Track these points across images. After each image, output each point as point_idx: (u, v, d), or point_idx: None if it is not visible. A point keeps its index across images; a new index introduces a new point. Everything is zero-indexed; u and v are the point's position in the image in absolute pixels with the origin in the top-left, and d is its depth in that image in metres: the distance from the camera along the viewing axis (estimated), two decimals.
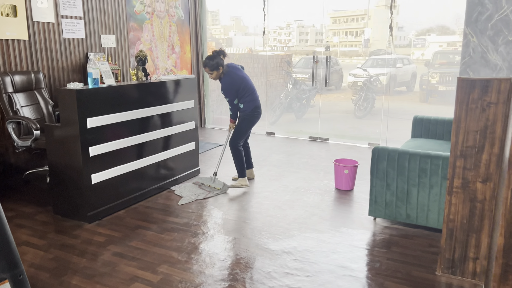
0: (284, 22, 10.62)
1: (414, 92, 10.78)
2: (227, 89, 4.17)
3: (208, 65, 4.10)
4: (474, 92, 2.40)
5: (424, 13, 9.59)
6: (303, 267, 2.79)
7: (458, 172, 2.53)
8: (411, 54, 10.77)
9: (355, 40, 11.26)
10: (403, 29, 10.38)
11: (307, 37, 11.33)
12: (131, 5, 5.82)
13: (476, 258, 2.57)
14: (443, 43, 10.87)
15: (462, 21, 6.94)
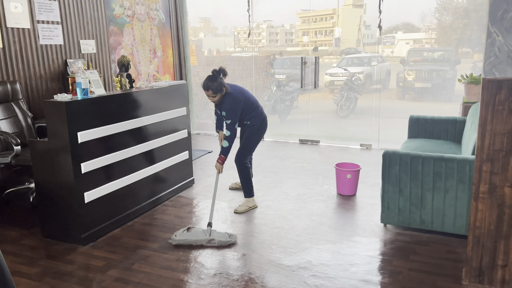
0: (254, 23, 10.47)
1: (390, 90, 10.85)
2: (232, 110, 3.55)
3: (212, 87, 3.48)
4: (500, 93, 2.29)
5: (390, 11, 9.62)
6: (324, 284, 2.62)
7: (485, 177, 2.42)
8: (381, 52, 10.82)
9: (325, 39, 11.25)
10: (370, 28, 10.43)
11: (277, 37, 11.25)
12: (111, 8, 5.52)
13: (505, 265, 2.47)
14: (410, 40, 11.01)
15: (427, 18, 6.87)
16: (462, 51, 9.82)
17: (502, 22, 2.23)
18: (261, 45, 10.96)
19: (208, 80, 3.51)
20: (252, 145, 3.87)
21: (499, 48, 2.26)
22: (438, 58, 10.16)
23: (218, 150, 5.86)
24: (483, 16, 8.43)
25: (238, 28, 10.01)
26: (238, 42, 10.27)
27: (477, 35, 9.00)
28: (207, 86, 3.51)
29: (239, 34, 10.22)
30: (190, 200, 4.12)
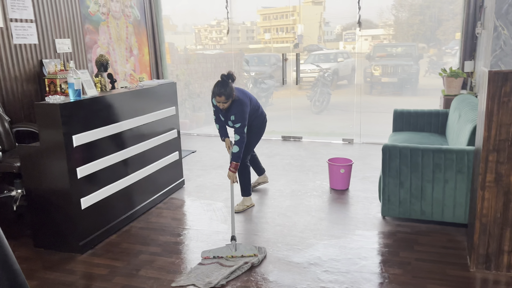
0: (214, 20, 10.40)
1: (356, 85, 11.08)
2: (241, 113, 3.40)
3: (224, 93, 3.30)
4: (506, 85, 2.37)
5: (348, 7, 9.85)
6: (338, 279, 2.63)
7: (491, 167, 2.50)
8: (343, 48, 11.03)
9: (286, 36, 11.32)
10: (329, 25, 10.60)
11: (238, 34, 11.22)
12: (85, 5, 5.30)
13: (511, 251, 2.57)
14: (368, 36, 11.29)
15: (385, 15, 7.02)
16: (418, 46, 10.14)
17: (507, 16, 2.30)
18: (223, 43, 10.87)
19: (221, 86, 3.33)
20: (252, 144, 3.80)
21: (504, 42, 2.34)
22: (401, 53, 10.45)
23: (205, 151, 5.79)
24: (437, 12, 8.75)
25: (198, 25, 9.88)
26: (200, 40, 10.13)
27: (431, 30, 9.32)
28: (220, 92, 3.32)
29: (199, 32, 10.08)
30: (183, 202, 4.03)
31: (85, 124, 3.02)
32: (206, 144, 6.24)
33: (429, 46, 10.08)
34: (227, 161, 5.26)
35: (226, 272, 2.69)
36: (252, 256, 2.89)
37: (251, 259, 2.84)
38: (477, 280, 2.58)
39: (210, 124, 8.30)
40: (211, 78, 9.24)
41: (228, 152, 3.70)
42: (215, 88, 3.37)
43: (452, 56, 9.22)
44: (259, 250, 2.97)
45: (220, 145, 6.18)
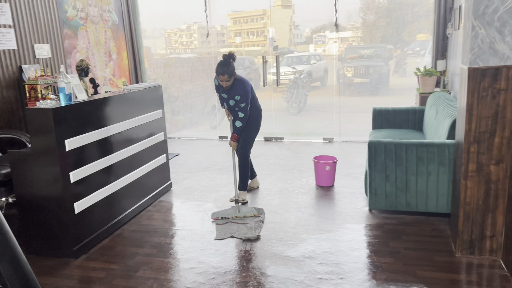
0: (184, 24, 10.41)
1: (329, 86, 11.33)
2: (245, 92, 3.68)
3: (227, 72, 3.56)
4: (484, 81, 2.54)
5: (317, 11, 10.09)
6: (333, 270, 2.74)
7: (472, 157, 2.67)
8: (314, 51, 11.25)
9: (257, 40, 11.45)
10: (299, 28, 10.82)
11: (209, 38, 11.25)
12: (63, 10, 5.24)
13: (493, 236, 2.74)
14: (337, 39, 11.58)
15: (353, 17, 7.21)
16: (387, 48, 10.46)
17: (484, 16, 2.47)
18: (193, 47, 10.89)
19: (223, 65, 3.58)
20: (252, 138, 3.98)
21: (482, 40, 2.51)
22: (372, 55, 10.75)
23: (188, 154, 5.82)
24: (403, 15, 9.09)
25: (168, 30, 9.88)
26: (170, 44, 10.13)
27: (398, 32, 9.65)
28: (222, 71, 3.58)
29: (169, 36, 10.08)
30: (173, 204, 4.05)
31: (76, 128, 3.02)
32: (188, 147, 6.27)
33: (396, 47, 10.43)
34: (212, 164, 5.31)
35: (247, 229, 3.34)
36: (253, 217, 3.53)
37: (257, 219, 3.49)
38: (463, 265, 2.74)
39: (190, 128, 8.32)
40: (188, 81, 9.25)
41: (228, 119, 4.02)
42: (218, 68, 3.62)
43: (421, 57, 9.58)
44: (258, 211, 3.60)
45: (203, 148, 6.23)
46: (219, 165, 5.23)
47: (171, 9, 8.84)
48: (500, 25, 2.46)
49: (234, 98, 3.75)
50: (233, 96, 3.74)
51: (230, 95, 3.77)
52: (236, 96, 3.71)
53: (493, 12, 2.46)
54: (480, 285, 2.51)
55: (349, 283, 2.59)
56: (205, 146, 6.34)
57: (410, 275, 2.63)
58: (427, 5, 8.69)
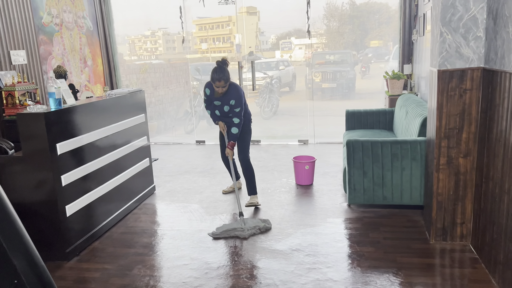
0: (148, 30, 10.45)
1: (298, 91, 11.63)
2: (239, 97, 3.73)
3: (224, 78, 3.61)
4: (452, 82, 2.81)
5: (282, 18, 10.38)
6: (319, 260, 2.92)
7: (443, 152, 2.93)
8: (281, 57, 11.52)
9: (223, 46, 11.59)
10: (264, 34, 11.09)
11: (174, 44, 11.30)
12: (39, 16, 5.22)
13: (463, 223, 3.01)
14: (302, 45, 11.96)
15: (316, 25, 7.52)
16: (351, 53, 10.85)
17: (450, 23, 2.74)
18: (158, 53, 10.91)
19: (219, 71, 3.63)
20: (248, 141, 4.04)
21: (449, 45, 2.77)
22: (338, 61, 11.12)
23: (167, 158, 5.90)
24: (365, 22, 9.51)
25: (132, 36, 9.89)
26: (134, 50, 10.13)
27: (360, 39, 10.07)
28: (219, 77, 3.62)
29: (133, 42, 10.09)
30: (158, 206, 4.13)
31: (67, 132, 3.07)
32: (166, 152, 6.33)
33: (358, 53, 10.85)
34: (192, 167, 5.41)
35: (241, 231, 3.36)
36: (261, 227, 3.43)
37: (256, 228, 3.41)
38: (437, 250, 2.99)
39: (164, 133, 8.36)
40: (160, 87, 9.29)
41: (223, 133, 3.99)
42: (214, 74, 3.64)
43: (384, 62, 10.02)
44: (264, 221, 3.51)
45: (181, 152, 6.31)
46: (200, 168, 5.34)
47: (146, 15, 8.86)
48: (465, 31, 2.73)
49: (229, 103, 3.77)
50: (227, 101, 3.77)
51: (225, 100, 3.79)
52: (231, 100, 3.75)
53: (458, 20, 2.73)
54: (454, 267, 2.76)
55: (336, 271, 2.77)
56: (183, 150, 6.42)
57: (390, 261, 2.85)
58: (387, 12, 9.13)
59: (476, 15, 2.70)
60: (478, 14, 2.69)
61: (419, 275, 2.67)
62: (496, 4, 2.48)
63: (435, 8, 2.88)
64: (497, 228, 2.49)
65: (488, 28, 2.63)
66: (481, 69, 2.75)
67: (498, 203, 2.46)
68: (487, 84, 2.65)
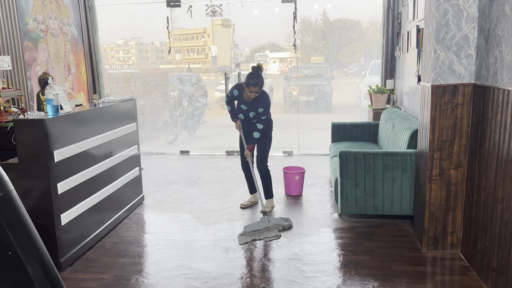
0: (121, 39, 10.40)
1: (275, 104, 11.75)
2: (268, 105, 3.81)
3: (259, 83, 3.65)
4: (445, 96, 2.95)
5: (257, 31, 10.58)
6: (318, 269, 2.97)
7: (436, 163, 3.05)
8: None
9: (198, 57, 11.62)
10: (239, 47, 11.26)
11: (147, 54, 11.26)
12: (24, 22, 5.13)
13: (453, 232, 3.13)
14: (277, 59, 12.17)
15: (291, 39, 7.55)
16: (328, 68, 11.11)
17: (444, 41, 2.89)
18: (131, 63, 10.83)
19: (256, 77, 3.65)
20: (268, 150, 4.06)
21: (442, 62, 2.92)
22: (315, 75, 11.35)
23: (152, 168, 5.85)
24: (338, 38, 9.78)
25: (103, 45, 9.82)
26: (107, 59, 10.03)
27: (333, 54, 10.35)
28: (255, 82, 3.64)
29: (105, 51, 10.01)
30: (149, 216, 4.09)
31: (64, 139, 3.02)
32: (151, 162, 6.27)
33: (331, 68, 11.12)
34: (179, 177, 5.38)
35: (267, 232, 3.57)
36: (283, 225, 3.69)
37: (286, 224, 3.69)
38: (429, 258, 3.09)
39: (144, 143, 8.27)
40: (140, 96, 9.22)
41: (239, 132, 4.10)
42: (250, 79, 3.66)
43: (359, 77, 10.31)
44: (286, 220, 3.75)
45: (166, 162, 6.26)
46: (187, 178, 5.32)
47: (132, 24, 8.81)
48: (457, 49, 2.89)
49: (256, 110, 3.82)
50: (255, 108, 3.82)
51: (253, 107, 3.83)
52: (259, 108, 3.80)
53: (451, 38, 2.88)
54: (447, 274, 2.87)
55: (335, 279, 2.83)
56: (167, 160, 6.38)
57: (387, 269, 2.93)
58: (359, 29, 9.42)
59: (468, 34, 2.86)
60: (469, 33, 2.85)
61: (415, 282, 2.76)
62: (488, 25, 2.64)
63: (428, 26, 3.04)
64: (489, 236, 2.61)
65: (480, 46, 2.79)
66: (472, 85, 2.90)
67: (491, 212, 2.59)
68: (478, 99, 2.80)
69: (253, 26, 10.28)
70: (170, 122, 8.45)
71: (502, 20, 2.45)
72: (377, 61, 7.86)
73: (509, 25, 2.36)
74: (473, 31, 2.84)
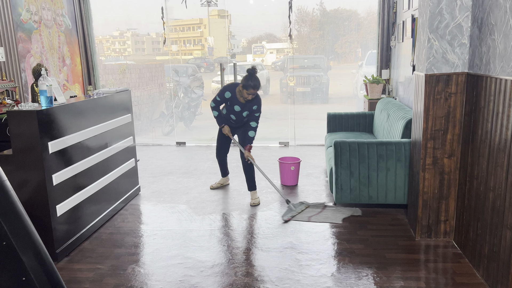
0: (117, 31, 10.33)
1: (271, 95, 11.76)
2: (261, 103, 3.97)
3: (258, 86, 3.77)
4: (438, 86, 2.96)
5: (254, 22, 10.53)
6: (312, 257, 3.00)
7: (429, 152, 3.07)
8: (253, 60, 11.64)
9: (194, 48, 11.56)
10: (235, 38, 11.22)
11: (143, 46, 11.20)
12: (17, 13, 5.09)
13: (446, 220, 3.16)
14: (274, 49, 12.12)
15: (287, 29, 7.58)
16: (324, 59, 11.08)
17: (437, 30, 2.89)
18: (127, 54, 10.78)
19: (255, 80, 3.74)
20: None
21: (436, 51, 2.92)
22: (312, 65, 11.32)
23: (148, 159, 5.86)
24: (334, 28, 9.75)
25: (99, 36, 9.76)
26: (102, 51, 9.99)
27: (330, 44, 10.32)
28: (254, 85, 3.74)
29: (101, 43, 9.96)
30: (145, 207, 4.10)
31: (58, 130, 3.02)
32: (147, 153, 6.28)
33: (328, 59, 11.10)
34: (175, 168, 5.39)
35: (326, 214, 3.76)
36: (311, 206, 3.92)
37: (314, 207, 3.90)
38: (422, 246, 3.12)
39: (140, 135, 8.27)
40: (136, 88, 9.19)
41: (230, 136, 4.17)
42: (250, 82, 3.73)
43: (357, 67, 10.28)
44: (303, 203, 3.96)
45: (162, 153, 6.27)
46: (183, 169, 5.33)
47: (127, 15, 8.74)
48: (451, 38, 2.89)
49: (251, 109, 3.93)
50: (250, 107, 3.93)
51: (247, 106, 3.94)
52: (254, 106, 3.92)
53: (445, 27, 2.88)
54: (440, 262, 2.90)
55: (330, 267, 2.86)
56: (163, 152, 6.38)
57: (380, 257, 2.96)
58: (356, 20, 9.39)
59: (462, 23, 2.86)
60: (463, 22, 2.85)
61: (408, 270, 2.79)
62: (482, 14, 2.64)
63: (422, 15, 3.03)
64: (481, 224, 2.64)
65: (473, 35, 2.80)
66: (465, 74, 2.91)
67: (483, 200, 2.61)
68: (471, 88, 2.81)
69: (249, 16, 10.23)
70: (166, 114, 8.44)
71: (495, 9, 2.45)
72: (373, 51, 7.85)
73: (501, 14, 2.37)
74: (466, 20, 2.84)
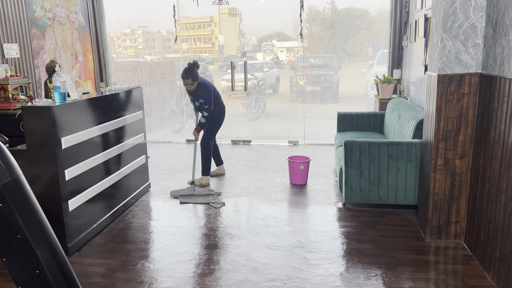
0: (128, 28, 10.37)
1: (282, 94, 11.74)
2: (208, 97, 4.36)
3: (191, 76, 4.26)
4: (451, 86, 2.94)
5: (264, 20, 10.50)
6: (321, 256, 3.00)
7: (441, 153, 3.05)
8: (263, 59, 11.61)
9: (204, 47, 11.55)
10: (245, 36, 11.19)
11: (154, 43, 11.22)
12: (32, 10, 5.15)
13: (457, 221, 3.14)
14: (284, 48, 12.07)
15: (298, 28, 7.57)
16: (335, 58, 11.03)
17: (451, 30, 2.87)
18: (144, 52, 10.83)
19: (187, 71, 4.27)
20: (215, 131, 4.67)
21: (449, 51, 2.90)
22: (322, 64, 11.27)
23: (159, 156, 5.91)
24: (346, 27, 9.69)
25: (110, 33, 9.82)
26: (114, 48, 10.04)
27: (341, 43, 10.26)
28: (186, 76, 4.26)
29: (112, 40, 10.01)
30: (155, 203, 4.14)
31: (71, 126, 3.06)
32: (157, 150, 6.32)
33: (339, 58, 11.03)
34: (185, 166, 5.42)
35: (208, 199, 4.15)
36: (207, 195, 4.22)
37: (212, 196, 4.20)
38: (432, 247, 3.11)
39: (151, 132, 8.32)
40: (147, 85, 9.24)
41: (195, 115, 4.74)
42: (183, 73, 4.29)
43: (367, 67, 10.21)
44: (210, 191, 4.29)
45: (172, 150, 6.31)
46: (189, 166, 5.35)
47: (139, 12, 8.79)
48: (464, 38, 2.87)
49: (198, 101, 4.39)
50: (197, 99, 4.39)
51: (195, 98, 4.42)
52: (200, 99, 4.37)
53: (458, 27, 2.86)
54: (450, 263, 2.89)
55: (338, 266, 2.86)
56: (173, 149, 6.42)
57: (390, 258, 2.96)
58: (368, 19, 9.33)
59: (476, 23, 2.83)
60: (477, 22, 2.83)
61: (418, 271, 2.78)
62: (496, 14, 2.62)
63: (436, 15, 3.01)
64: (493, 226, 2.62)
65: (487, 36, 2.77)
66: (478, 75, 2.88)
67: (495, 202, 2.59)
68: (485, 89, 2.78)
69: (260, 15, 10.21)
70: (176, 111, 8.48)
71: (510, 9, 2.43)
72: (384, 50, 7.80)
73: None
74: (480, 20, 2.82)
